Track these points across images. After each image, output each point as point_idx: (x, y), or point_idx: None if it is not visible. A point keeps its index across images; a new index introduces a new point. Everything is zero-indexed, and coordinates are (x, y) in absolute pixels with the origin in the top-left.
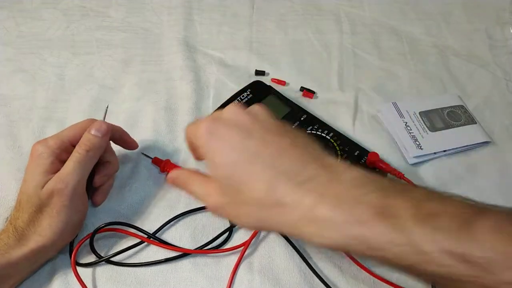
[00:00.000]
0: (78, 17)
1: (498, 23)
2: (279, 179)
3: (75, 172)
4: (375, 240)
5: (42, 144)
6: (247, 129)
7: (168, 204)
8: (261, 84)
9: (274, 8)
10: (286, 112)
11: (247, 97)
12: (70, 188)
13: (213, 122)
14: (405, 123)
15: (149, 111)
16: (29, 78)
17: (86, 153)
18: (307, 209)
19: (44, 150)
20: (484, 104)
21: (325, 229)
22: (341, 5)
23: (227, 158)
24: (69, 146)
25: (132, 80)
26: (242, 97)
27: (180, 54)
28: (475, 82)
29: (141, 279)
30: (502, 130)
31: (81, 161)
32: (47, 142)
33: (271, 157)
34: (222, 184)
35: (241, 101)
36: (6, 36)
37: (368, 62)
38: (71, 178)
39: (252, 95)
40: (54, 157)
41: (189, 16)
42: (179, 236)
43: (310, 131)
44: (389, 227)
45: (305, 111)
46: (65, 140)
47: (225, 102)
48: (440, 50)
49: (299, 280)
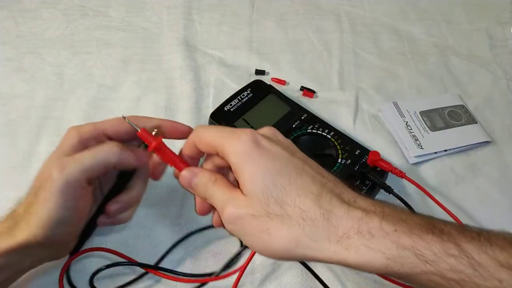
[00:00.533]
0: (78, 16)
1: (499, 23)
2: (327, 192)
3: (81, 161)
4: (428, 250)
5: (75, 127)
6: (290, 148)
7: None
8: (261, 84)
9: (274, 7)
10: (286, 111)
11: (248, 96)
12: (65, 174)
13: (257, 134)
14: (405, 122)
15: (148, 110)
16: (28, 77)
17: (110, 147)
18: (356, 220)
19: (73, 133)
20: (485, 104)
21: (374, 240)
22: (341, 5)
23: (273, 168)
24: (101, 135)
25: (131, 80)
26: (243, 96)
27: (180, 53)
28: (475, 81)
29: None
30: (502, 130)
31: (96, 155)
32: (80, 126)
33: (317, 173)
34: (257, 194)
35: (242, 100)
36: (6, 36)
37: (368, 61)
38: (74, 165)
39: (252, 94)
40: (78, 141)
41: (189, 16)
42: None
43: (311, 130)
44: (441, 239)
45: (305, 110)
46: (98, 127)
47: (226, 101)
48: (440, 50)
49: (300, 280)
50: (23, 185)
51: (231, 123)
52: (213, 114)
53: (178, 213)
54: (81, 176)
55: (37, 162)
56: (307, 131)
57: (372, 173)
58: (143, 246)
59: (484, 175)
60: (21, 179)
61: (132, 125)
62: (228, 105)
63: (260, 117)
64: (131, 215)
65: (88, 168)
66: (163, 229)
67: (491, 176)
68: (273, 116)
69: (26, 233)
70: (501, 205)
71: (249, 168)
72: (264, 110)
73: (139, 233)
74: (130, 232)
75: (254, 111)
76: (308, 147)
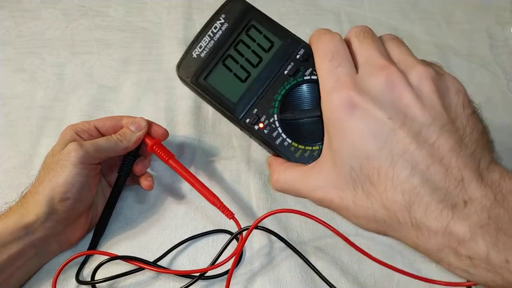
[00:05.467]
0: (78, 16)
1: (499, 22)
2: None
3: (97, 143)
4: None
5: (70, 125)
6: (410, 116)
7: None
8: (237, 6)
9: (274, 7)
10: (276, 48)
11: (222, 28)
12: (84, 149)
13: (361, 93)
14: None
15: (148, 111)
16: (28, 78)
17: (117, 139)
18: (454, 240)
19: (69, 129)
20: (485, 104)
21: (474, 270)
22: (341, 5)
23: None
24: (93, 130)
25: (131, 80)
26: (215, 29)
27: (180, 53)
28: (475, 81)
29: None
30: (502, 130)
31: (109, 140)
32: (75, 124)
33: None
34: (348, 171)
35: (215, 35)
36: (6, 36)
37: None
38: (90, 144)
39: (227, 23)
40: (74, 133)
41: (189, 16)
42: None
43: (309, 76)
44: None
45: (301, 45)
46: (90, 124)
47: (193, 42)
48: (440, 50)
49: (300, 279)
50: (24, 186)
51: (203, 80)
52: (179, 67)
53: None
54: (95, 154)
55: (38, 163)
56: (304, 79)
57: None
58: (143, 248)
59: None
60: (22, 179)
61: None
62: (197, 49)
63: (241, 64)
64: (152, 184)
65: (102, 148)
66: (163, 232)
67: None
68: (259, 58)
69: (39, 204)
70: None
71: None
72: (246, 51)
73: (140, 235)
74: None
75: (233, 55)
76: (305, 104)
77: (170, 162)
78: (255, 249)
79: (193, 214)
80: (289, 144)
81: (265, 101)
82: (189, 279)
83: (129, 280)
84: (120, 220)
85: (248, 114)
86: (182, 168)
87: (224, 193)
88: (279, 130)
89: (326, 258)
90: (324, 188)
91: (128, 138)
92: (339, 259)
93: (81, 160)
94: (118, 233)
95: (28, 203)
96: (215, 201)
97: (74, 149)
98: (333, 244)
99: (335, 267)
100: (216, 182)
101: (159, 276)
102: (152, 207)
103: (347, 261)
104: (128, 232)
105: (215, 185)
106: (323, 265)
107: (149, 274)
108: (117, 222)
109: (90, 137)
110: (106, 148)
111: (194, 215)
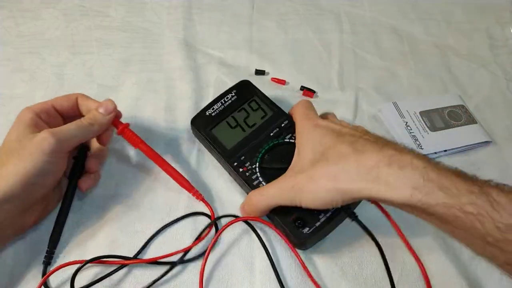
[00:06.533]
0: (78, 16)
1: (499, 22)
2: (361, 140)
3: (69, 131)
4: (452, 185)
5: (27, 107)
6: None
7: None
8: (247, 85)
9: (274, 7)
10: (268, 116)
11: (231, 99)
12: (57, 138)
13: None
14: (405, 123)
15: (148, 110)
16: (28, 78)
17: (88, 124)
18: (387, 156)
19: (27, 111)
20: (485, 104)
21: (402, 171)
22: (341, 5)
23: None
24: (51, 109)
25: (131, 80)
26: (226, 99)
27: (179, 53)
28: (475, 81)
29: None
30: (502, 130)
31: (80, 127)
32: (31, 106)
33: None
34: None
35: (225, 103)
36: (6, 36)
37: (368, 61)
38: (62, 133)
39: (236, 97)
40: (34, 115)
41: (189, 16)
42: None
43: (288, 139)
44: (465, 180)
45: (287, 118)
46: (48, 104)
47: (209, 105)
48: (440, 50)
49: (300, 280)
50: None
51: (209, 130)
52: (194, 120)
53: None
54: (68, 143)
55: None
56: (284, 141)
57: None
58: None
59: (484, 175)
60: None
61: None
62: (210, 109)
63: (239, 123)
64: (100, 174)
65: (74, 135)
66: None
67: (491, 176)
68: (253, 122)
69: (3, 183)
70: None
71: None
72: (245, 116)
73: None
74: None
75: (235, 116)
76: (281, 158)
77: (141, 146)
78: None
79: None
80: (263, 186)
81: (252, 152)
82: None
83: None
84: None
85: (236, 159)
86: (152, 151)
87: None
88: (258, 174)
89: (327, 258)
90: (293, 177)
91: (99, 122)
92: (339, 259)
93: (53, 150)
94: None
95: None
96: (184, 183)
97: (47, 138)
98: (334, 244)
99: (335, 267)
100: (210, 179)
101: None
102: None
103: (347, 261)
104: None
105: (208, 183)
106: (323, 265)
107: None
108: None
109: (49, 118)
110: (78, 135)
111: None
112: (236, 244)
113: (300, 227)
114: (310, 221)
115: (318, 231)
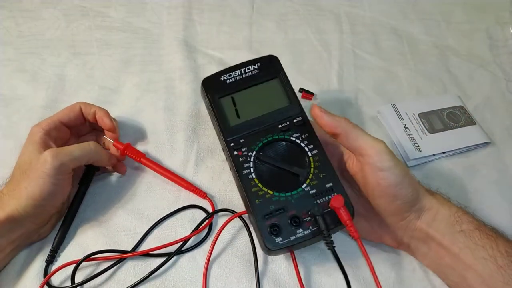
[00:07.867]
0: (78, 17)
1: (498, 23)
2: None
3: (71, 152)
4: None
5: (36, 125)
6: None
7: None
8: (274, 62)
9: (274, 8)
10: (282, 106)
11: (252, 71)
12: (59, 159)
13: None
14: (404, 125)
15: (148, 111)
16: (29, 78)
17: (87, 145)
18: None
19: (37, 129)
20: (484, 105)
21: None
22: (341, 5)
23: None
24: (59, 125)
25: (131, 80)
26: (247, 70)
27: (180, 54)
28: (475, 82)
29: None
30: (502, 131)
31: (85, 150)
32: (40, 123)
33: None
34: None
35: (244, 74)
36: (6, 36)
37: (368, 62)
38: (65, 154)
39: (258, 71)
40: (43, 133)
41: (189, 16)
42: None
43: (295, 138)
44: None
45: (302, 113)
46: (55, 120)
47: (227, 69)
48: (440, 50)
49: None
50: None
51: (217, 98)
52: (206, 80)
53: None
54: (70, 163)
55: None
56: (289, 138)
57: (324, 217)
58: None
59: (483, 176)
60: None
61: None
62: (226, 75)
63: (251, 102)
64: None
65: (76, 157)
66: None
67: (491, 177)
68: (266, 105)
69: (14, 206)
70: (500, 206)
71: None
72: (259, 95)
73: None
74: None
75: (249, 92)
76: (280, 156)
77: (143, 161)
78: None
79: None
80: (251, 178)
81: (253, 138)
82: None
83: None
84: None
85: (234, 139)
86: (154, 163)
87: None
88: (250, 164)
89: (326, 257)
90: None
91: (96, 145)
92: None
93: (56, 171)
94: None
95: (3, 204)
96: (188, 187)
97: (50, 159)
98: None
99: (335, 267)
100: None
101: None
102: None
103: (347, 261)
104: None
105: (207, 183)
106: (323, 265)
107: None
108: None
109: (58, 133)
110: (80, 156)
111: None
112: (233, 242)
113: (274, 234)
114: (285, 233)
115: (290, 245)
